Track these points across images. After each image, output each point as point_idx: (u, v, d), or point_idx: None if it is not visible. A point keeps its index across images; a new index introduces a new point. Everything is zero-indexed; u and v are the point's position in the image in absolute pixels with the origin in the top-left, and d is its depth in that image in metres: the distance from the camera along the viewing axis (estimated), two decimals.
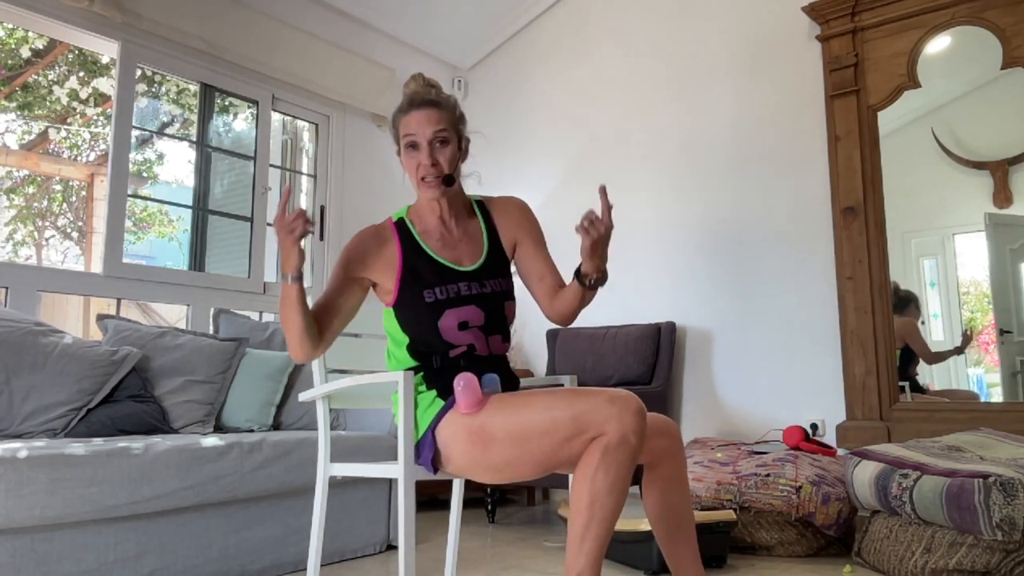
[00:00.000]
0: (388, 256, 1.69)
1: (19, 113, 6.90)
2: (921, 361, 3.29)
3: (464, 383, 1.52)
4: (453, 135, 1.69)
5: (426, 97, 1.67)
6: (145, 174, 7.39)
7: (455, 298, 1.66)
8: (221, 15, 3.65)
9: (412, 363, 1.70)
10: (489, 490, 3.50)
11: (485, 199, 1.86)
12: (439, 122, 1.66)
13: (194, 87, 3.83)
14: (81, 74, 6.86)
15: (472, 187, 1.85)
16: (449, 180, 1.68)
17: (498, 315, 1.71)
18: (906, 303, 3.31)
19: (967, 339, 3.19)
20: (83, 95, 6.90)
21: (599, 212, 1.56)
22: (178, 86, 6.28)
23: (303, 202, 4.25)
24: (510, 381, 1.75)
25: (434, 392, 1.63)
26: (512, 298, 1.77)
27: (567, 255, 4.44)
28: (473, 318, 1.66)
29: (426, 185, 1.67)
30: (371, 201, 4.42)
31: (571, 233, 4.49)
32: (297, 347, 1.62)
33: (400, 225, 1.74)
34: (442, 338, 1.65)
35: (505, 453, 1.48)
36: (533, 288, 1.82)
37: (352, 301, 1.71)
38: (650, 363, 3.77)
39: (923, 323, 3.28)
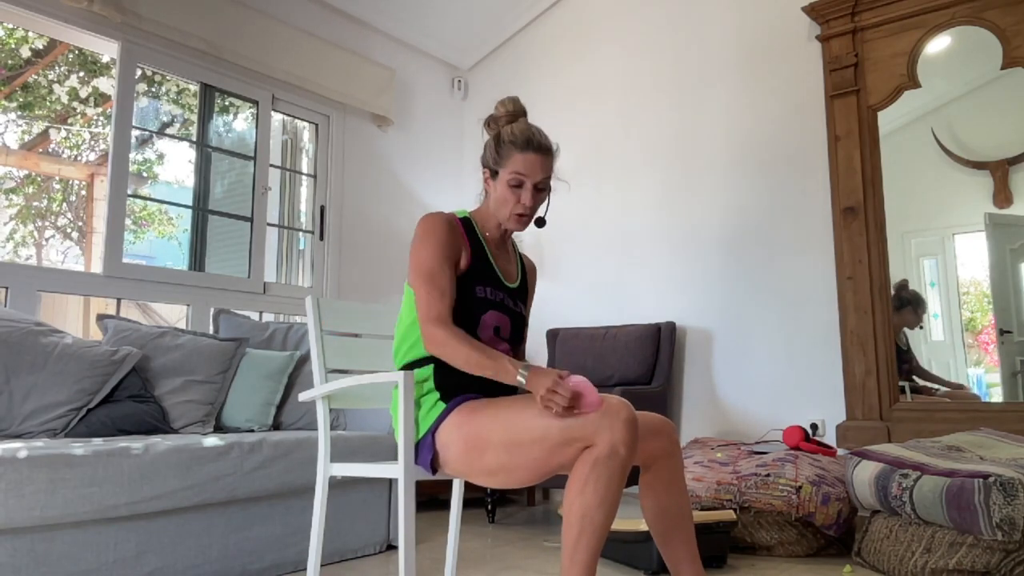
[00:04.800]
0: (461, 245, 1.76)
1: (19, 113, 6.90)
2: (919, 360, 3.29)
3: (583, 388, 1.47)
4: (549, 183, 1.78)
5: (543, 143, 1.74)
6: (145, 174, 7.39)
7: (499, 303, 1.75)
8: (221, 15, 3.65)
9: (423, 354, 1.71)
10: (489, 490, 3.50)
11: (513, 241, 2.00)
12: (547, 170, 1.74)
13: (194, 87, 3.83)
14: (81, 74, 6.86)
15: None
16: (541, 222, 1.83)
17: (519, 334, 1.83)
18: (903, 303, 3.31)
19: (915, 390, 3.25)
20: (83, 95, 6.90)
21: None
22: (178, 86, 6.28)
23: (303, 202, 4.25)
24: (508, 387, 1.77)
25: (437, 395, 1.66)
26: (527, 326, 1.89)
27: (566, 255, 4.46)
28: (504, 328, 1.76)
29: (517, 220, 1.75)
30: (371, 201, 4.42)
31: (570, 234, 4.50)
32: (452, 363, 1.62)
33: (466, 223, 1.81)
34: (477, 334, 1.71)
35: (499, 459, 1.51)
36: None
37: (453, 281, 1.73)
38: (650, 363, 3.77)
39: (921, 328, 3.28)
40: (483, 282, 1.74)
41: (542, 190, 1.75)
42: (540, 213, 1.81)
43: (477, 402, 1.60)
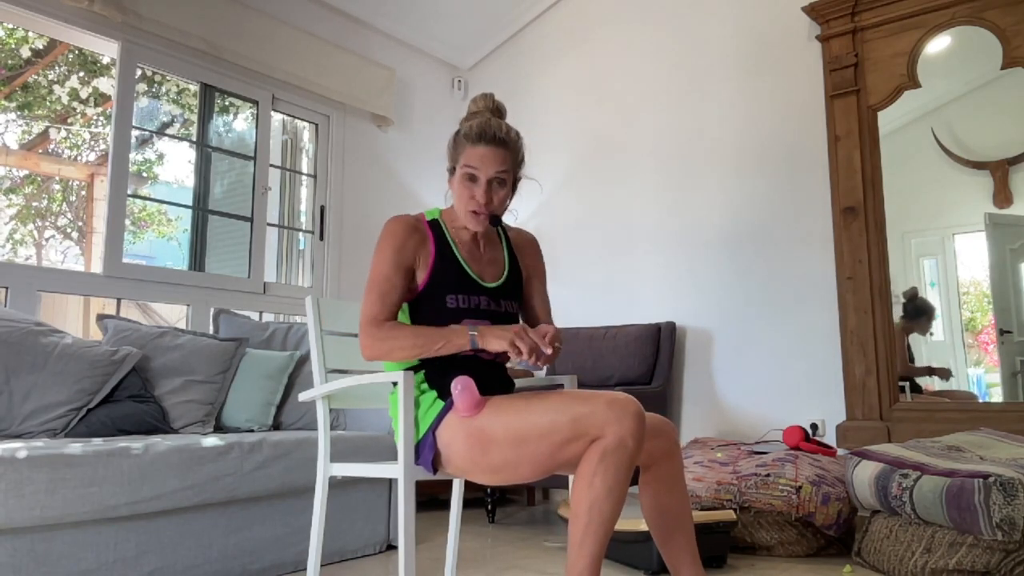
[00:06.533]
0: (424, 251, 1.71)
1: (19, 113, 6.90)
2: (917, 359, 3.29)
3: (462, 386, 1.53)
4: (510, 177, 1.71)
5: (498, 134, 1.67)
6: (145, 174, 7.39)
7: (474, 309, 1.70)
8: (221, 15, 3.65)
9: (414, 361, 1.70)
10: (489, 490, 3.50)
11: (504, 225, 1.91)
12: (503, 163, 1.67)
13: (194, 87, 3.83)
14: (81, 74, 6.86)
15: (506, 221, 1.90)
16: (495, 220, 1.72)
17: None
18: (919, 312, 3.30)
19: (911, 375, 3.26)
20: (83, 95, 6.89)
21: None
22: (178, 86, 6.28)
23: (303, 202, 4.25)
24: (505, 386, 1.76)
25: (434, 393, 1.65)
26: (518, 322, 1.83)
27: (566, 255, 4.45)
28: None
29: (474, 218, 1.69)
30: (371, 201, 4.42)
31: (570, 234, 4.50)
32: (400, 360, 1.66)
33: (435, 225, 1.76)
34: None
35: (504, 455, 1.50)
36: (521, 318, 1.92)
37: (409, 287, 1.71)
38: (650, 363, 3.77)
39: (931, 334, 3.27)
40: (454, 290, 1.69)
41: (501, 183, 1.68)
42: (504, 213, 1.77)
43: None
